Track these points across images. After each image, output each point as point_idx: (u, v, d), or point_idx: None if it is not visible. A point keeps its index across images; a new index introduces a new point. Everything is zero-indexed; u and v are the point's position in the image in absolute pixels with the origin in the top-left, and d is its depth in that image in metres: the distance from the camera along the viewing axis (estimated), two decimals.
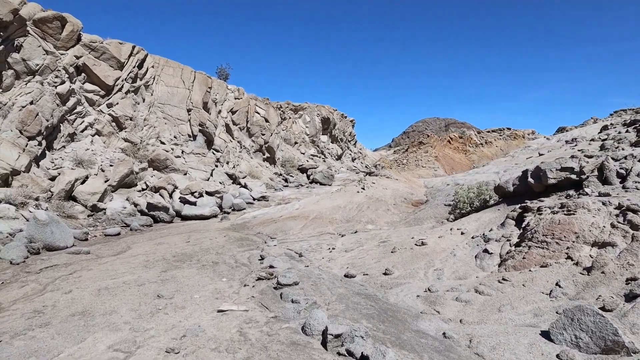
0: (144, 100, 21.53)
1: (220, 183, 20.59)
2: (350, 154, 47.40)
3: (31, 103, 14.18)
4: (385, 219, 13.02)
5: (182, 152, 21.67)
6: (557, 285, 5.58)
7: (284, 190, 24.53)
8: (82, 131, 17.29)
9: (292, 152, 34.08)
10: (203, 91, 24.86)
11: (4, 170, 11.65)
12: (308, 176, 30.30)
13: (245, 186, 21.96)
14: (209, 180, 20.23)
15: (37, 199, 11.92)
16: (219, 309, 5.30)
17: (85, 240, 11.08)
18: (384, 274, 7.26)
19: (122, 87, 19.71)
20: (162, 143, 21.32)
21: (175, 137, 22.40)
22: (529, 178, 9.28)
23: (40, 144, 14.04)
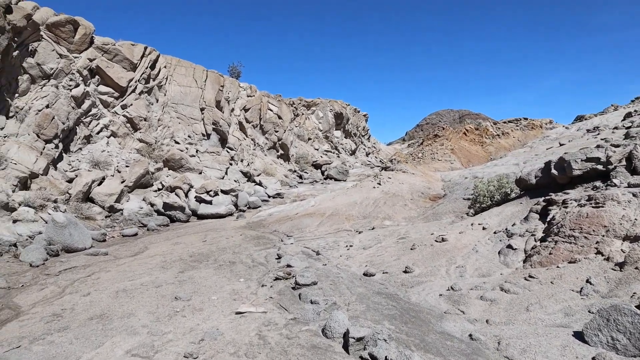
0: (157, 100, 21.63)
1: (235, 181, 20.59)
2: (364, 149, 47.01)
3: (47, 107, 14.34)
4: (402, 214, 12.79)
5: (197, 151, 21.72)
6: (587, 282, 5.32)
7: (299, 187, 24.41)
8: (98, 133, 17.45)
9: (306, 149, 33.93)
10: (215, 90, 24.86)
11: (22, 174, 11.79)
12: (322, 172, 30.11)
13: (260, 184, 21.92)
14: (223, 178, 20.24)
15: (55, 201, 12.05)
16: (237, 311, 5.20)
17: (103, 241, 11.16)
18: (404, 272, 7.06)
19: (135, 88, 19.82)
20: (177, 143, 21.41)
21: (189, 136, 22.48)
22: (552, 169, 8.93)
23: (57, 147, 14.19)
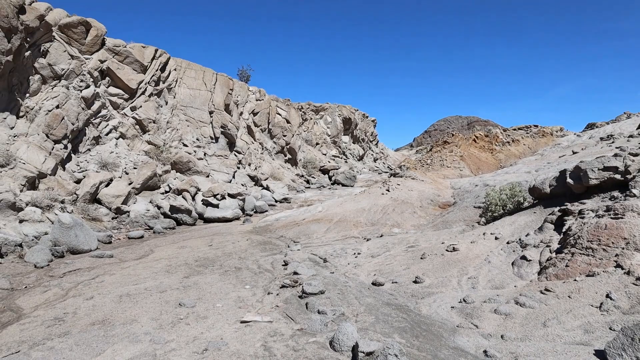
0: (166, 103, 21.67)
1: (242, 185, 20.51)
2: (372, 154, 46.79)
3: (57, 107, 14.38)
4: (411, 222, 12.57)
5: (205, 154, 21.71)
6: (607, 297, 5.08)
7: (306, 192, 24.28)
8: (107, 134, 17.48)
9: (314, 153, 33.82)
10: (224, 93, 24.88)
11: (30, 174, 11.79)
12: (330, 177, 29.95)
13: (267, 188, 21.82)
14: (231, 182, 20.16)
15: (62, 202, 12.02)
16: (242, 320, 5.04)
17: (109, 244, 11.08)
18: (414, 282, 6.86)
19: (145, 90, 19.87)
20: (185, 145, 21.40)
21: (197, 139, 22.47)
22: (567, 178, 8.67)
23: (66, 147, 14.21)
